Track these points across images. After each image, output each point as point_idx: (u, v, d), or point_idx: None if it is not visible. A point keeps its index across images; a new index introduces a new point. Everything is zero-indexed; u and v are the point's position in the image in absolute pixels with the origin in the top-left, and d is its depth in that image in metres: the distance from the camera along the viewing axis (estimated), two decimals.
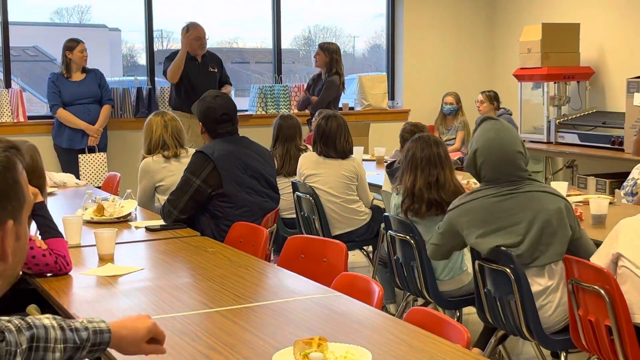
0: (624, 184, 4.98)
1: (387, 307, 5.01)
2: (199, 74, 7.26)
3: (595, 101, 8.05)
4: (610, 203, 4.38)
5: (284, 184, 5.51)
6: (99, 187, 6.26)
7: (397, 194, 4.21)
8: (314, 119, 6.30)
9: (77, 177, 6.66)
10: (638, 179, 4.83)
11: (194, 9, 8.56)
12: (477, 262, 3.55)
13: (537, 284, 3.44)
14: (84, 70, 7.13)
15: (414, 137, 4.13)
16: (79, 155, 7.06)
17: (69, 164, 7.00)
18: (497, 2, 9.25)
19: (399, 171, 4.20)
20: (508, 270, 3.36)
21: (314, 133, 5.47)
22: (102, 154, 7.16)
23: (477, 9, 9.28)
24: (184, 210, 4.16)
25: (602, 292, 2.98)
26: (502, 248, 3.40)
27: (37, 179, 3.25)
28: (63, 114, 7.01)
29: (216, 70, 7.40)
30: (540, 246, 3.41)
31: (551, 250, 3.42)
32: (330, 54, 7.56)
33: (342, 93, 7.80)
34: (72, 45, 7.06)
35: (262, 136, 6.40)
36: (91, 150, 7.10)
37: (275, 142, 5.81)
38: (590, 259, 3.24)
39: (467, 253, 4.06)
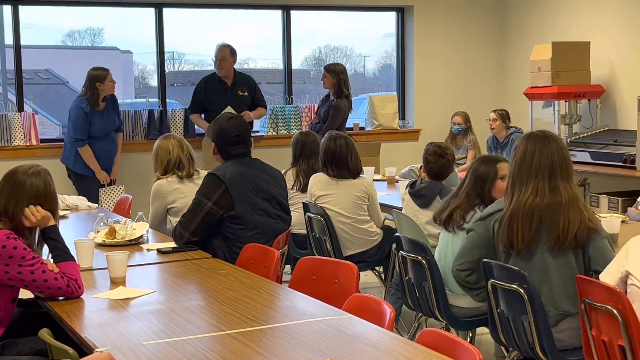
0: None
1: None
2: (225, 97, 7.30)
3: (606, 119, 8.04)
4: (622, 222, 4.36)
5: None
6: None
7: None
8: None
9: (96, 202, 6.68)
10: None
11: (204, 31, 8.62)
12: (490, 281, 3.53)
13: None
14: (104, 98, 6.95)
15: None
16: (100, 189, 7.00)
17: (83, 187, 6.97)
18: (507, 21, 9.27)
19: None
20: (522, 291, 3.35)
21: (322, 156, 5.44)
22: (120, 186, 7.15)
23: (487, 29, 9.30)
24: (195, 232, 4.17)
25: (615, 312, 2.96)
26: (514, 268, 3.39)
27: (50, 202, 3.27)
28: (85, 153, 6.87)
29: (246, 93, 7.42)
30: None
31: None
32: (337, 75, 7.51)
33: (350, 113, 7.76)
34: (101, 74, 6.78)
35: (274, 157, 6.42)
36: (110, 182, 7.09)
37: (298, 159, 5.80)
38: (600, 276, 3.23)
39: None
